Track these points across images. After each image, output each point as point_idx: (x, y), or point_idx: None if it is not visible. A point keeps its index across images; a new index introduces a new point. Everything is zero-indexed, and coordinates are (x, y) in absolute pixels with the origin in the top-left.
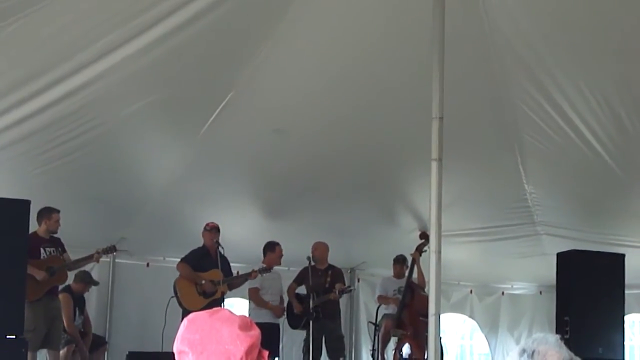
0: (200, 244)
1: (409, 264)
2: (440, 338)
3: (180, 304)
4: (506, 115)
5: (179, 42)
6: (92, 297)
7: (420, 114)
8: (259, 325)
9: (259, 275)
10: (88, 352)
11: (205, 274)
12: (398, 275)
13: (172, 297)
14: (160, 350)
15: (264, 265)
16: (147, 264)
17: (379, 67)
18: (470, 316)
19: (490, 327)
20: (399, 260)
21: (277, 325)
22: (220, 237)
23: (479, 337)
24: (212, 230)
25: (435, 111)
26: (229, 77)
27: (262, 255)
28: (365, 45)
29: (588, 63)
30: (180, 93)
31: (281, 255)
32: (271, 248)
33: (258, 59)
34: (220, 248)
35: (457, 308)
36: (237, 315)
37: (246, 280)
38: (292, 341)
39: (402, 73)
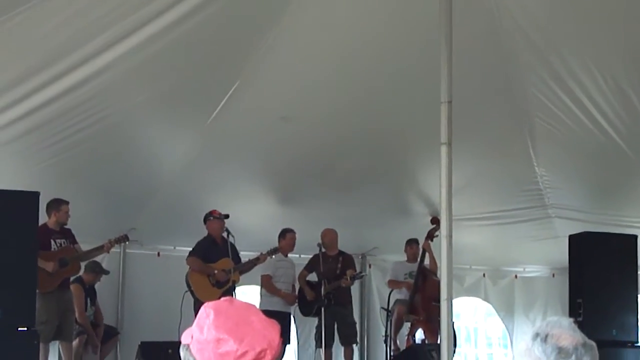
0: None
1: (421, 251)
2: (453, 322)
3: (195, 297)
4: (516, 98)
5: (185, 32)
6: (103, 288)
7: (430, 98)
8: (271, 313)
9: (269, 258)
10: (100, 343)
11: (216, 264)
12: (412, 257)
13: (186, 291)
14: (176, 340)
15: (272, 248)
16: (158, 254)
17: (386, 52)
18: (485, 299)
19: (506, 310)
20: (413, 242)
21: (289, 314)
22: (228, 225)
23: (493, 321)
24: (220, 218)
25: (444, 95)
26: (236, 66)
27: (273, 242)
28: (372, 30)
29: (598, 45)
30: (187, 83)
31: (293, 243)
32: (282, 235)
33: (264, 47)
34: (230, 236)
35: (472, 292)
36: (249, 303)
37: (255, 265)
38: (304, 329)
39: (410, 57)
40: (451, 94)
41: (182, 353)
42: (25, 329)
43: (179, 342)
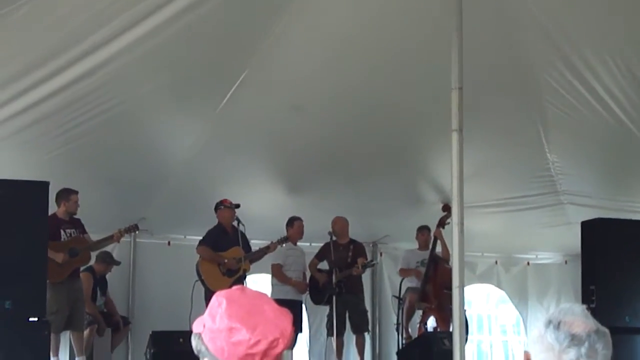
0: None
1: (432, 239)
2: (465, 310)
3: (205, 286)
4: (528, 84)
5: (193, 21)
6: (114, 277)
7: (440, 84)
8: (282, 302)
9: (279, 246)
10: (112, 333)
11: (226, 253)
12: (423, 244)
13: (197, 280)
14: (187, 329)
15: (282, 237)
16: (168, 243)
17: (396, 39)
18: (498, 286)
19: (520, 297)
20: (424, 228)
21: (300, 302)
22: (238, 214)
23: (505, 308)
24: (231, 207)
25: (455, 81)
26: (245, 54)
27: (283, 231)
28: (383, 17)
29: (610, 30)
30: (195, 71)
31: (301, 231)
32: (289, 223)
33: (273, 35)
34: (240, 225)
35: (484, 279)
36: (261, 292)
37: (265, 253)
38: (315, 317)
39: (420, 43)
40: (462, 80)
41: (193, 342)
42: (36, 319)
43: (190, 331)
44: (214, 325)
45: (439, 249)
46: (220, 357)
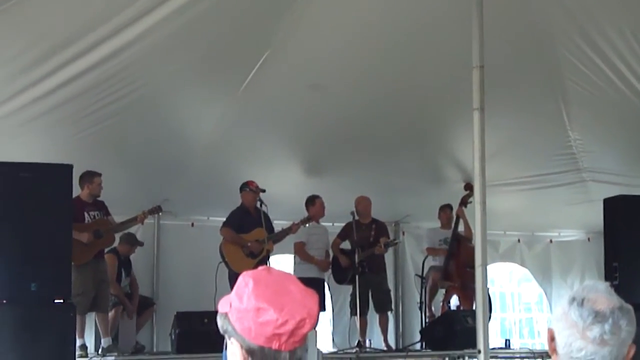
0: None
1: (455, 218)
2: (488, 288)
3: (229, 268)
4: (549, 61)
5: (216, 1)
6: (138, 259)
7: (461, 63)
8: (305, 280)
9: (302, 226)
10: (136, 313)
11: (250, 235)
12: (446, 222)
13: (220, 262)
14: (211, 310)
15: (304, 217)
16: (192, 224)
17: (417, 17)
18: (522, 265)
19: (543, 275)
20: (446, 207)
21: (322, 280)
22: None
23: (527, 286)
24: (256, 191)
25: (476, 60)
26: (266, 35)
27: (305, 211)
28: None
29: (631, 6)
30: (218, 52)
31: (323, 208)
32: (311, 201)
33: (295, 14)
34: (263, 206)
35: (507, 257)
36: (287, 272)
37: (287, 234)
38: (338, 297)
39: (441, 22)
40: (483, 58)
41: (220, 321)
42: (61, 301)
43: (215, 312)
44: (241, 305)
45: (461, 227)
46: (247, 337)
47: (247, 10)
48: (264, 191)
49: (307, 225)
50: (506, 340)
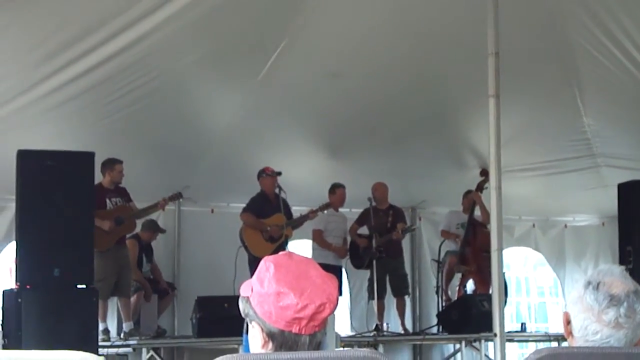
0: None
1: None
2: (504, 273)
3: (249, 252)
4: (563, 48)
5: None
6: (159, 245)
7: (477, 50)
8: (323, 266)
9: (320, 213)
10: (158, 299)
11: (269, 220)
12: (467, 207)
13: (240, 247)
14: (231, 295)
15: (323, 204)
16: (212, 210)
17: (433, 4)
18: (536, 249)
19: (557, 259)
20: (469, 193)
21: (340, 267)
22: (280, 181)
23: (542, 270)
24: (273, 175)
25: (491, 47)
26: (284, 23)
27: (323, 197)
28: None
29: None
30: (237, 40)
31: (343, 198)
32: (332, 190)
33: (312, 3)
34: (282, 192)
35: (522, 242)
36: (308, 258)
37: (306, 220)
38: (355, 281)
39: (457, 9)
40: (498, 45)
41: (241, 305)
42: (84, 286)
43: (235, 296)
44: (262, 290)
45: (477, 212)
46: (268, 321)
47: None
48: (280, 174)
49: (326, 212)
50: (522, 324)
